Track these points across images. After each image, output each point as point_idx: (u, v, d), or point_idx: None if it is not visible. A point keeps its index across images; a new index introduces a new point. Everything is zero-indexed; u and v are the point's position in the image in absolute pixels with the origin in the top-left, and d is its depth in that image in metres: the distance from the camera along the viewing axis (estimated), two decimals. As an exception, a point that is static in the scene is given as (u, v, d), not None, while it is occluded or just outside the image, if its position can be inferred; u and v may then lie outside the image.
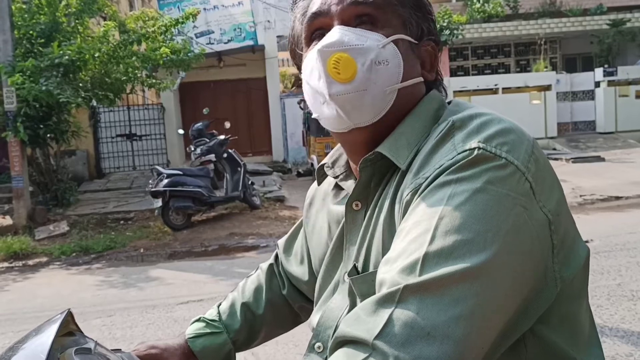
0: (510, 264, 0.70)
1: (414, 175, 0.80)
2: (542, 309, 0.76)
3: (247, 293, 1.21)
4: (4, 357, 0.84)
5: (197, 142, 9.66)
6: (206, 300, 5.47)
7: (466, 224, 0.70)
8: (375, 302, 0.69)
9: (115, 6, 13.05)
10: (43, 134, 9.64)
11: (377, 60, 0.87)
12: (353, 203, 0.93)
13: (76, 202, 10.89)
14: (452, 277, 0.67)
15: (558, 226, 0.76)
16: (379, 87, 0.88)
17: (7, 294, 6.46)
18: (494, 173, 0.73)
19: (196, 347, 1.13)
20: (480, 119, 0.80)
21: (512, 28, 18.41)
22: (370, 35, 0.88)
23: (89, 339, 0.93)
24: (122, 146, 14.92)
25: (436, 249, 0.69)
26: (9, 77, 8.69)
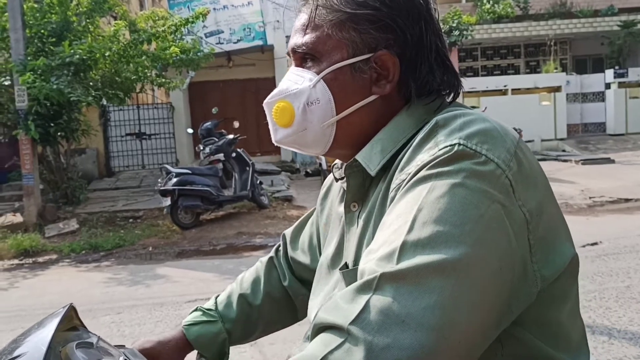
0: (486, 258, 0.70)
1: (399, 172, 0.82)
2: (522, 307, 0.77)
3: (245, 285, 1.22)
4: (7, 349, 0.85)
5: (206, 142, 9.70)
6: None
7: (444, 216, 0.71)
8: (353, 290, 0.70)
9: (126, 6, 13.11)
10: (54, 132, 9.71)
11: (309, 101, 0.93)
12: (350, 204, 0.96)
13: (86, 200, 10.96)
14: (429, 267, 0.68)
15: (536, 226, 0.77)
16: (316, 124, 0.94)
17: (17, 291, 6.52)
18: (474, 169, 0.74)
19: (191, 335, 1.14)
20: (464, 118, 0.81)
21: (522, 29, 18.34)
22: (305, 75, 0.94)
23: (92, 334, 0.95)
24: (131, 145, 14.99)
25: (413, 239, 0.70)
26: (21, 75, 8.76)
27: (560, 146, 16.50)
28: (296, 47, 0.95)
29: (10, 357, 0.81)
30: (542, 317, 0.80)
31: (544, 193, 0.81)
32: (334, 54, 0.92)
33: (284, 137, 0.97)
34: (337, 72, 0.92)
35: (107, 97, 10.64)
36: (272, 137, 0.99)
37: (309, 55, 0.94)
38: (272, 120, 0.98)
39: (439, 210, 0.71)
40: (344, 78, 0.92)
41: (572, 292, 0.85)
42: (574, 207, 9.17)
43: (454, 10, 17.34)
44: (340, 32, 0.92)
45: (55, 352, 0.82)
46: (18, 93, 9.05)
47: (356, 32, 0.91)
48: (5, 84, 9.56)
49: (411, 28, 0.92)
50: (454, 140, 0.77)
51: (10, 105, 9.64)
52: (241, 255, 7.72)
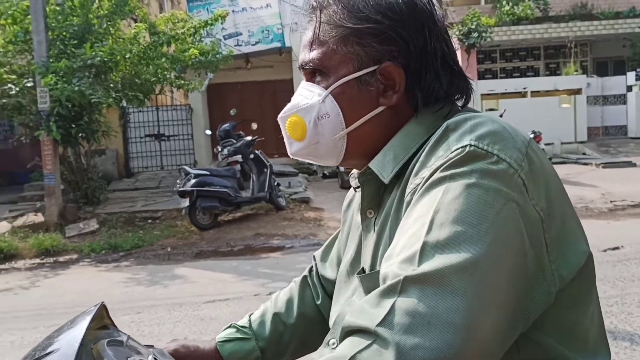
0: (505, 256, 0.71)
1: (414, 177, 0.84)
2: (541, 307, 0.77)
3: (279, 304, 1.22)
4: (41, 345, 0.87)
5: (224, 143, 9.75)
6: (232, 300, 5.53)
7: (461, 216, 0.72)
8: (378, 294, 0.72)
9: (146, 8, 13.23)
10: (75, 133, 9.82)
11: (319, 116, 0.96)
12: (366, 211, 0.98)
13: (105, 201, 11.08)
14: (451, 268, 0.69)
15: (550, 225, 0.78)
16: (327, 137, 0.97)
17: (38, 290, 6.62)
18: (487, 168, 0.75)
19: (225, 351, 1.15)
20: (474, 120, 0.82)
21: (541, 31, 18.17)
22: (315, 90, 0.97)
23: (122, 333, 0.96)
24: (150, 146, 15.11)
25: (433, 240, 0.71)
26: (43, 77, 8.88)
27: (580, 149, 16.32)
28: (304, 63, 0.99)
29: (43, 352, 0.83)
30: (560, 319, 0.80)
31: (556, 193, 0.82)
32: (340, 69, 0.95)
33: (298, 150, 1.01)
34: (344, 86, 0.95)
35: (127, 99, 10.74)
36: (288, 150, 1.03)
37: (317, 70, 0.97)
38: (287, 133, 1.02)
39: (455, 211, 0.73)
40: (351, 91, 0.95)
41: (591, 292, 0.85)
42: (595, 211, 9.06)
43: (472, 12, 17.25)
44: (345, 46, 0.94)
45: (87, 349, 0.83)
46: (40, 94, 9.17)
47: (360, 46, 0.93)
48: (27, 86, 9.68)
49: (414, 38, 0.93)
50: (465, 141, 0.78)
51: (33, 107, 9.77)
52: (259, 256, 7.75)
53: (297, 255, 7.63)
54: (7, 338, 4.85)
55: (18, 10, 9.58)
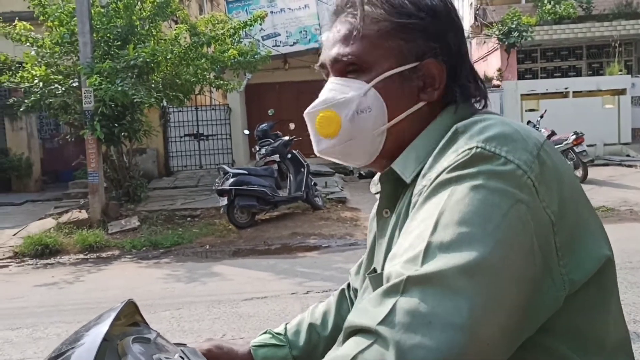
0: (510, 258, 0.71)
1: (421, 178, 0.84)
2: (549, 312, 0.76)
3: (316, 315, 1.22)
4: (68, 340, 0.89)
5: (262, 143, 9.85)
6: (270, 298, 5.59)
7: (466, 217, 0.72)
8: (380, 293, 0.72)
9: (187, 10, 13.46)
10: (118, 133, 10.05)
11: (359, 110, 0.93)
12: (383, 211, 0.98)
13: (146, 199, 11.31)
14: (453, 268, 0.68)
15: (561, 228, 0.76)
16: (365, 133, 0.94)
17: (83, 284, 6.81)
18: (494, 171, 0.75)
19: (258, 356, 1.14)
20: (483, 123, 0.82)
21: (584, 30, 17.78)
22: (353, 84, 0.94)
23: (152, 330, 0.97)
24: (189, 145, 15.35)
25: (437, 241, 0.71)
26: (88, 78, 9.11)
27: (624, 151, 15.91)
28: (340, 56, 0.95)
29: (70, 347, 0.84)
30: (571, 324, 0.79)
31: (571, 195, 0.80)
32: (382, 63, 0.93)
33: (328, 147, 0.97)
34: (386, 81, 0.93)
35: (168, 99, 10.95)
36: (315, 147, 0.99)
37: (354, 65, 0.95)
38: (315, 130, 0.98)
39: (460, 212, 0.72)
40: (393, 86, 0.94)
41: (608, 297, 0.83)
42: (639, 214, 8.85)
43: (513, 11, 17.00)
44: (387, 41, 0.93)
45: (113, 345, 0.85)
46: (85, 95, 9.42)
47: (403, 41, 0.93)
48: (73, 86, 9.94)
49: (453, 38, 0.95)
50: (472, 143, 0.78)
51: (78, 106, 10.03)
52: (295, 255, 7.81)
53: (334, 255, 7.66)
54: (53, 331, 5.02)
55: (64, 13, 9.86)
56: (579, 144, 11.26)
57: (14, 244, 8.79)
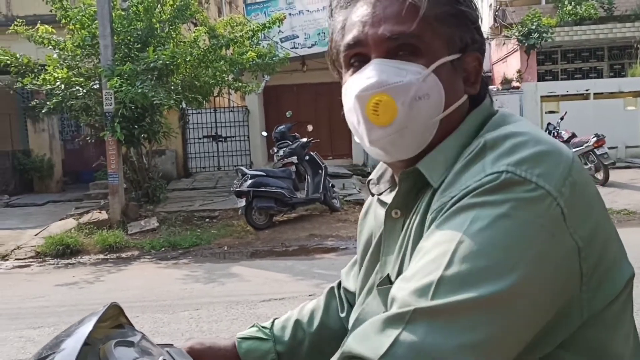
0: (530, 293, 0.68)
1: (441, 194, 0.79)
2: (563, 337, 0.74)
3: (304, 312, 1.20)
4: (48, 345, 0.88)
5: (280, 144, 9.88)
6: (287, 299, 5.61)
7: (485, 250, 0.68)
8: (384, 320, 0.69)
9: (206, 12, 13.55)
10: (137, 134, 10.15)
11: (418, 96, 0.85)
12: (392, 211, 0.92)
13: (165, 200, 11.40)
14: (465, 304, 0.65)
15: (589, 253, 0.73)
16: (421, 121, 0.86)
17: (103, 284, 6.89)
18: (522, 198, 0.71)
19: (241, 348, 1.13)
20: (515, 139, 0.77)
21: (605, 31, 17.55)
22: (409, 68, 0.85)
23: (137, 333, 0.96)
24: (208, 147, 15.44)
25: (452, 273, 0.68)
26: (109, 80, 9.21)
27: (645, 154, 15.68)
28: (397, 34, 0.86)
29: (50, 352, 0.83)
30: (590, 339, 0.76)
31: (599, 216, 0.77)
32: (437, 48, 0.87)
33: (381, 136, 0.87)
34: (441, 68, 0.87)
35: (187, 101, 11.03)
36: (365, 137, 0.89)
37: (409, 47, 0.86)
38: (367, 117, 0.87)
39: (480, 244, 0.69)
40: (447, 74, 0.87)
41: (626, 311, 0.81)
42: (661, 218, 8.72)
43: (533, 12, 16.84)
44: (443, 26, 0.87)
45: (95, 349, 0.84)
46: (106, 97, 9.53)
47: (457, 29, 0.88)
48: (94, 88, 10.06)
49: (479, 33, 0.93)
50: (502, 166, 0.73)
51: (98, 108, 10.15)
52: (313, 257, 7.82)
53: (351, 256, 7.50)
54: (74, 329, 5.08)
55: (86, 16, 9.99)
56: (600, 147, 11.13)
57: (35, 244, 8.93)
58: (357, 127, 0.89)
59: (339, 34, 0.94)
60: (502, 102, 15.68)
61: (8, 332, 5.09)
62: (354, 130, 0.92)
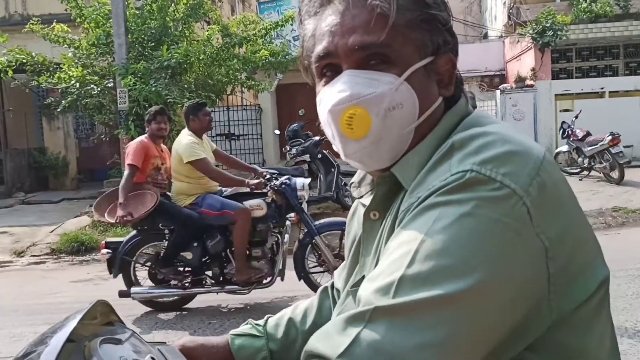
0: (493, 292, 0.67)
1: (409, 195, 0.79)
2: (530, 339, 0.73)
3: (298, 310, 1.20)
4: (33, 342, 0.88)
5: (292, 143, 9.88)
6: (299, 297, 5.60)
7: (448, 249, 0.67)
8: (345, 319, 0.69)
9: (219, 11, 13.59)
10: (151, 133, 10.20)
11: (391, 106, 0.83)
12: (371, 212, 0.91)
13: (178, 197, 11.42)
14: (425, 302, 0.65)
15: (557, 254, 0.72)
16: (395, 131, 0.85)
17: (117, 281, 6.91)
18: (486, 197, 0.70)
19: (234, 345, 1.12)
20: (482, 139, 0.76)
21: (621, 28, 17.36)
22: (381, 78, 0.84)
23: (127, 330, 0.95)
24: (220, 145, 15.44)
25: (413, 272, 0.67)
26: (123, 78, 9.28)
27: (662, 152, 15.50)
28: (365, 44, 0.84)
29: (34, 349, 0.83)
30: (560, 342, 0.75)
31: (570, 217, 0.76)
32: (410, 55, 0.85)
33: (356, 150, 0.87)
34: (413, 75, 0.85)
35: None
36: (342, 151, 0.88)
37: (379, 56, 0.85)
38: (341, 131, 0.86)
39: (442, 242, 0.68)
40: (420, 80, 0.86)
41: (600, 314, 0.79)
42: (677, 218, 8.62)
43: (547, 10, 16.71)
44: (413, 31, 0.85)
45: (80, 346, 0.83)
46: (120, 95, 9.59)
47: (428, 33, 0.86)
48: (108, 86, 10.14)
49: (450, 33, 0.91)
50: (467, 165, 0.73)
51: (112, 107, 10.22)
52: (325, 255, 7.80)
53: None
54: (88, 325, 5.12)
55: (100, 15, 10.06)
56: (615, 145, 11.02)
57: (51, 241, 9.01)
58: (333, 140, 0.89)
59: (309, 42, 0.93)
60: (516, 100, 15.60)
61: (24, 328, 5.15)
62: (332, 142, 0.91)
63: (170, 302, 5.48)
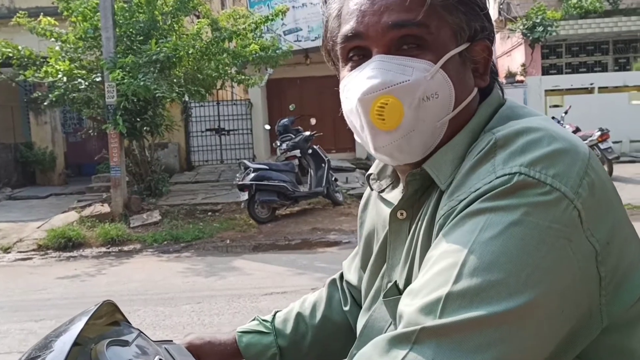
0: (546, 305, 0.64)
1: (449, 197, 0.73)
2: (583, 345, 0.70)
3: (306, 304, 1.16)
4: (38, 345, 0.85)
5: (282, 138, 9.85)
6: (289, 293, 5.59)
7: (497, 262, 0.63)
8: (389, 340, 0.65)
9: (208, 4, 13.49)
10: (140, 127, 10.13)
11: (426, 96, 0.78)
12: (398, 212, 0.87)
13: (167, 193, 11.38)
14: (475, 322, 0.61)
15: (607, 256, 0.68)
16: (429, 123, 0.80)
17: (105, 277, 6.88)
18: (536, 202, 0.65)
19: (242, 342, 1.10)
20: (528, 136, 0.71)
21: (611, 24, 17.44)
22: (416, 65, 0.78)
23: (133, 330, 0.94)
24: (211, 140, 15.41)
25: (460, 289, 0.63)
26: (111, 72, 9.18)
27: (650, 148, 15.62)
28: (401, 23, 0.78)
29: (38, 353, 0.81)
30: (608, 347, 0.72)
31: (617, 216, 0.72)
32: (447, 40, 0.80)
33: (387, 142, 0.80)
34: (450, 62, 0.80)
35: (190, 94, 10.98)
36: (370, 144, 0.82)
37: (414, 39, 0.79)
38: (371, 122, 0.79)
39: (492, 254, 0.64)
40: (456, 68, 0.81)
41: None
42: (666, 213, 8.67)
43: (538, 6, 16.74)
44: (451, 14, 0.80)
45: (86, 349, 0.81)
46: (108, 89, 9.50)
47: (465, 16, 0.81)
48: (96, 81, 10.03)
49: (488, 19, 0.86)
50: (514, 167, 0.68)
51: (100, 101, 10.12)
52: (315, 250, 7.80)
53: (354, 250, 7.63)
54: (75, 322, 5.07)
55: (88, 8, 9.94)
56: (604, 141, 11.09)
57: (38, 237, 8.92)
58: (361, 132, 0.83)
59: (334, 22, 0.86)
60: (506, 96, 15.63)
61: (10, 325, 5.08)
62: (357, 133, 0.85)
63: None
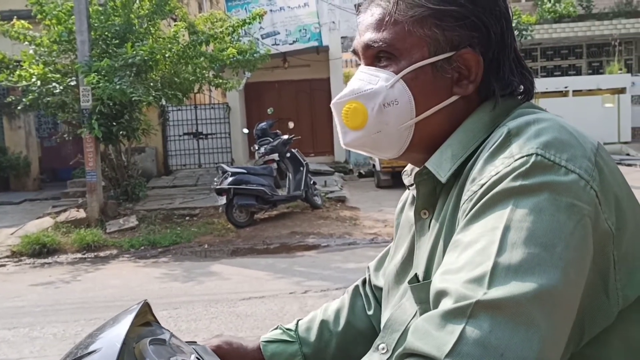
0: (576, 281, 0.67)
1: (471, 183, 0.77)
2: (599, 327, 0.73)
3: (329, 312, 1.18)
4: (83, 343, 0.86)
5: (261, 142, 9.82)
6: (267, 297, 5.56)
7: (533, 236, 0.67)
8: (444, 315, 0.66)
9: (185, 8, 13.40)
10: (116, 131, 10.01)
11: (386, 102, 0.88)
12: (421, 211, 0.93)
13: (145, 198, 11.26)
14: (525, 297, 0.64)
15: (620, 241, 0.72)
16: (392, 126, 0.90)
17: (80, 284, 6.77)
18: (557, 182, 0.69)
19: (266, 352, 1.12)
20: (539, 125, 0.76)
21: (584, 29, 17.76)
22: (381, 75, 0.89)
23: (165, 330, 0.95)
24: (188, 144, 15.31)
25: (505, 262, 0.66)
26: (86, 76, 9.07)
27: (624, 150, 15.89)
28: (371, 42, 0.90)
29: (85, 351, 0.81)
30: (627, 334, 0.75)
31: (628, 202, 0.76)
32: (414, 52, 0.88)
33: (354, 140, 0.93)
34: (417, 72, 0.88)
35: (167, 97, 10.88)
36: (341, 139, 0.95)
37: (385, 53, 0.89)
38: (342, 122, 0.93)
39: (527, 230, 0.67)
40: (425, 78, 0.88)
41: None
42: None
43: (513, 10, 16.95)
44: (422, 28, 0.87)
45: (129, 348, 0.82)
46: (83, 93, 9.38)
47: (439, 29, 0.87)
48: (71, 85, 9.90)
49: (494, 26, 0.88)
50: (531, 149, 0.72)
51: (75, 105, 9.99)
52: (294, 254, 7.78)
53: (333, 254, 7.63)
54: (50, 330, 4.98)
55: (62, 11, 9.81)
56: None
57: (11, 243, 8.75)
58: (338, 129, 0.96)
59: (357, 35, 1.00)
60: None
61: (-19, 334, 4.98)
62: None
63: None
